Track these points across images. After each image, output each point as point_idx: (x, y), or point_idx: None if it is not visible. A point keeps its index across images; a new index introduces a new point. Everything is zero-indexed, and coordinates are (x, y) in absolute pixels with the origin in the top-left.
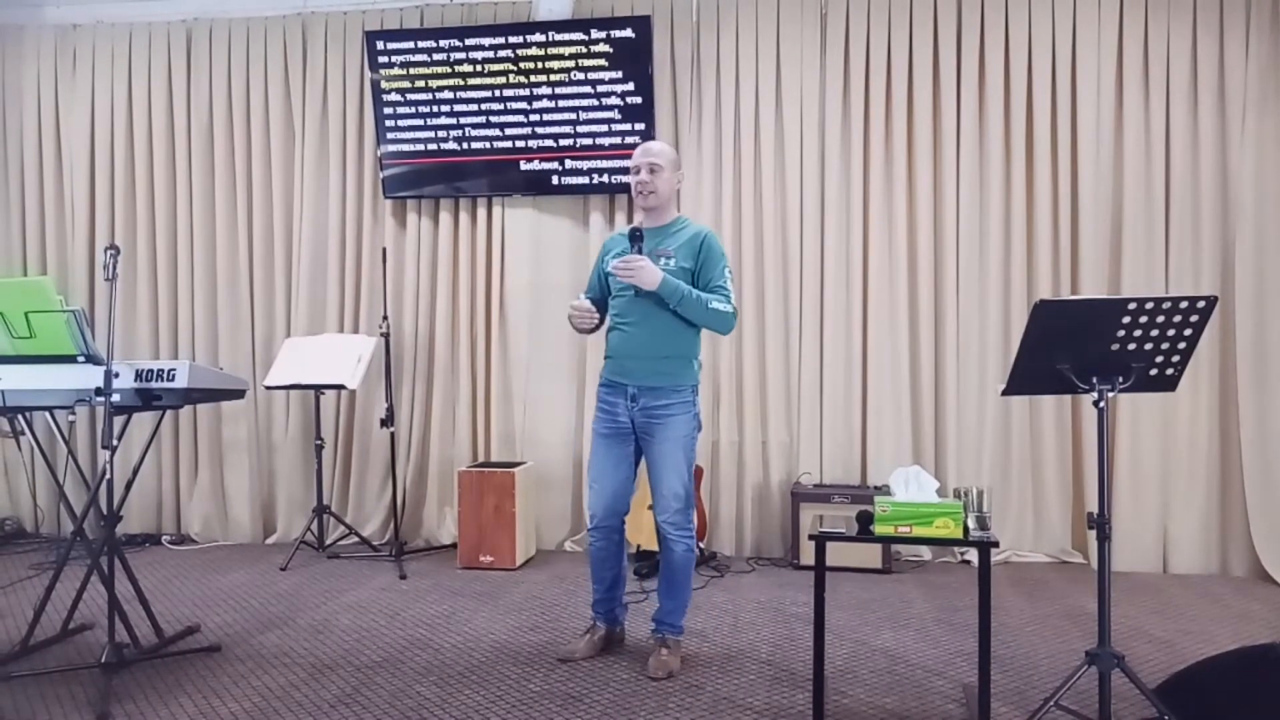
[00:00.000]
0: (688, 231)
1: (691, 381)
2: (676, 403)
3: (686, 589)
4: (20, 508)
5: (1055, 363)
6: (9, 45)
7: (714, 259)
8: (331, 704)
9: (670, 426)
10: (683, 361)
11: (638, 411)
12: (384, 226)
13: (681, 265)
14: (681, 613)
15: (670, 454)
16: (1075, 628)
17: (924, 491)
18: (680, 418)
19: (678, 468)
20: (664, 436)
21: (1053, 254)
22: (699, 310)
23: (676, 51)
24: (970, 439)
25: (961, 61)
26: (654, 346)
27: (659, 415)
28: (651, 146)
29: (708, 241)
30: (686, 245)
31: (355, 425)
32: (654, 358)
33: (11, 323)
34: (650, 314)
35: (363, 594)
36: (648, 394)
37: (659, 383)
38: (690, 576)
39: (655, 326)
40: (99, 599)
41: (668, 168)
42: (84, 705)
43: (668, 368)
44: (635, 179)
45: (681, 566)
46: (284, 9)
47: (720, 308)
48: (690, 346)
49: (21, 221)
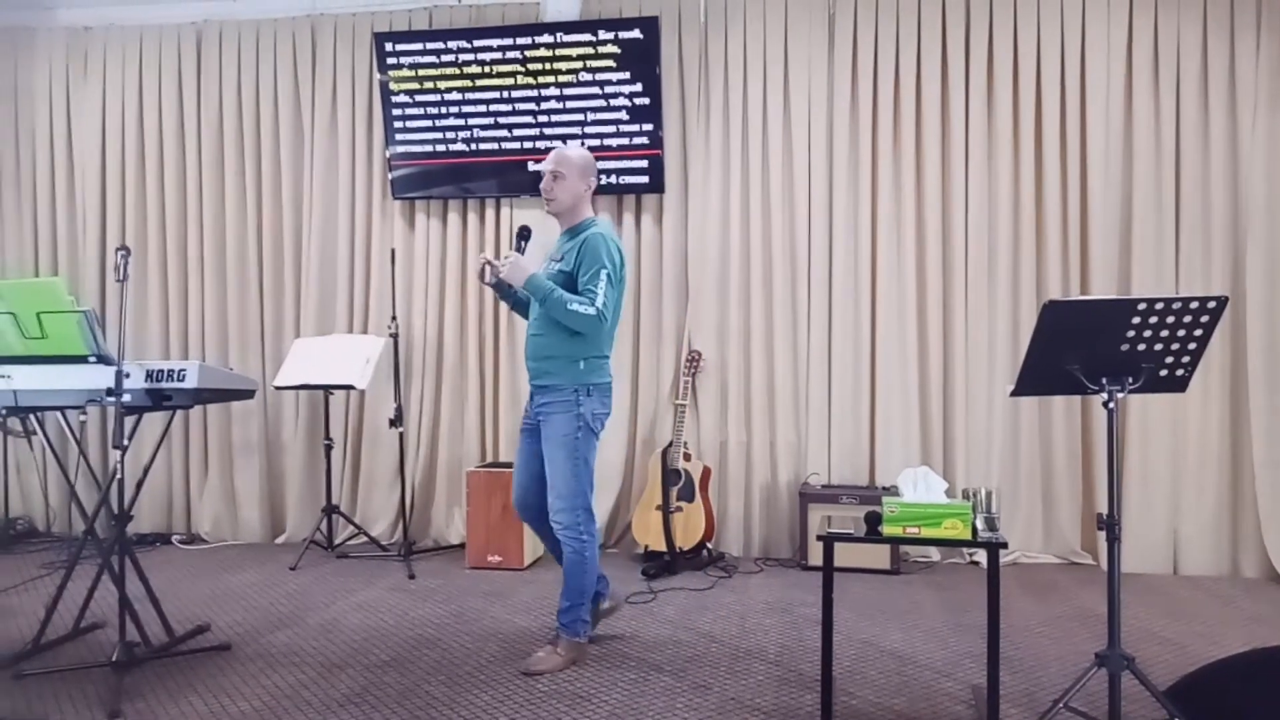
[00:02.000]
0: (583, 234)
1: (574, 382)
2: (556, 401)
3: (575, 589)
4: (32, 507)
5: (1065, 363)
6: (21, 47)
7: (589, 261)
8: (341, 703)
9: (550, 425)
10: (564, 362)
11: (534, 410)
12: (393, 227)
13: (563, 269)
14: (570, 613)
15: (551, 452)
16: (1085, 629)
17: (932, 492)
18: (560, 417)
19: (558, 466)
20: (547, 435)
21: (1062, 254)
22: (559, 310)
23: (684, 52)
24: (979, 440)
25: (970, 59)
26: (541, 348)
27: (543, 414)
28: (563, 153)
29: (587, 243)
30: (575, 247)
31: (364, 425)
32: (540, 358)
33: (23, 323)
34: (540, 316)
35: (371, 593)
36: (538, 393)
37: (545, 382)
38: (580, 580)
39: (540, 328)
40: (110, 598)
41: (573, 175)
42: (95, 703)
43: (550, 368)
44: (542, 183)
45: (567, 566)
46: (293, 11)
47: (578, 309)
48: (572, 348)
49: (33, 222)
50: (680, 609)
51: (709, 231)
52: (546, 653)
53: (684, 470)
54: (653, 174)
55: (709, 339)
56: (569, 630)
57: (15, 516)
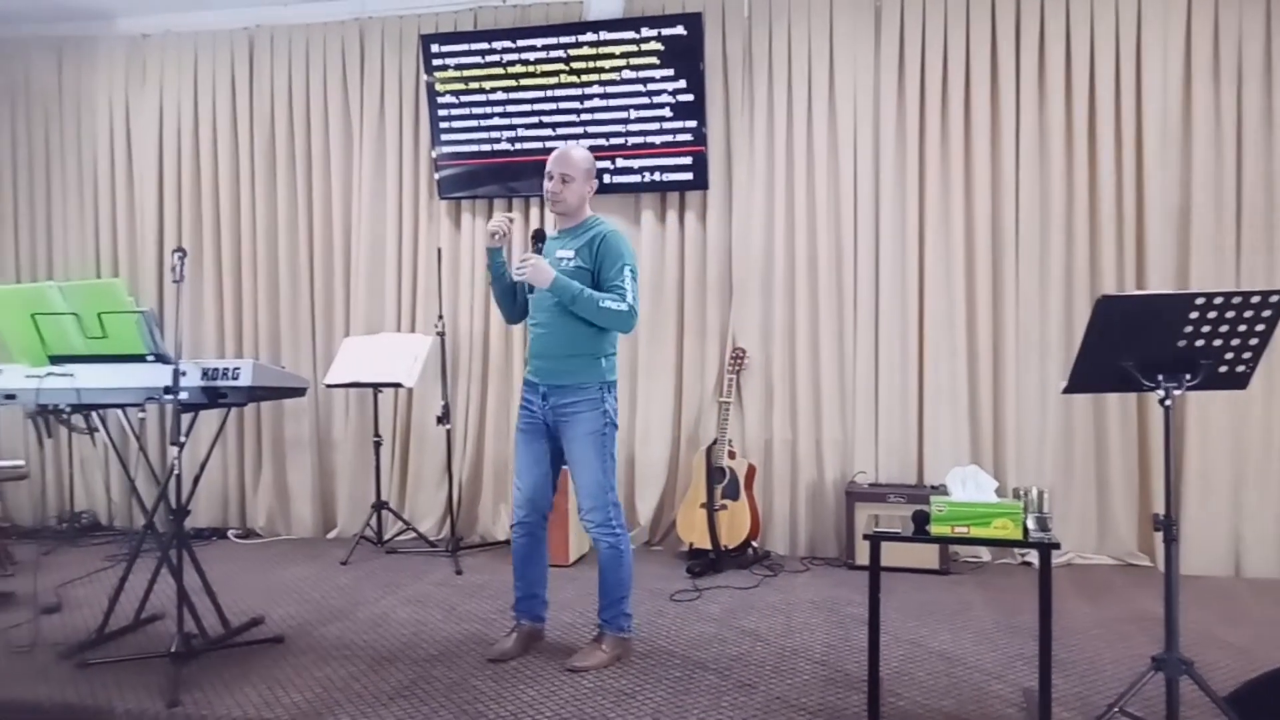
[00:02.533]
0: (592, 232)
1: (599, 379)
2: (583, 400)
3: (617, 586)
4: (95, 501)
5: (1119, 360)
6: (84, 56)
7: (611, 258)
8: (391, 696)
9: (578, 424)
10: (588, 360)
11: (549, 410)
12: (439, 227)
13: (580, 265)
14: (613, 610)
15: (581, 452)
16: (1141, 633)
17: (982, 491)
18: (587, 415)
19: (590, 465)
20: (573, 435)
21: (1117, 248)
22: (591, 309)
23: (728, 48)
24: (1031, 438)
25: (1020, 50)
26: (560, 346)
27: (567, 413)
28: (568, 154)
29: (606, 241)
30: (587, 246)
31: (412, 423)
32: (560, 356)
33: (86, 323)
34: (556, 314)
35: (420, 588)
36: (556, 392)
37: (566, 381)
38: (619, 575)
39: (561, 326)
40: (169, 590)
41: (580, 178)
42: (155, 693)
43: (573, 366)
44: (548, 184)
45: (605, 564)
46: (342, 15)
47: (613, 306)
48: (596, 345)
49: (95, 225)
50: (725, 607)
51: (753, 228)
52: (591, 649)
53: (728, 468)
54: (696, 171)
55: (753, 336)
56: (612, 626)
57: (80, 510)
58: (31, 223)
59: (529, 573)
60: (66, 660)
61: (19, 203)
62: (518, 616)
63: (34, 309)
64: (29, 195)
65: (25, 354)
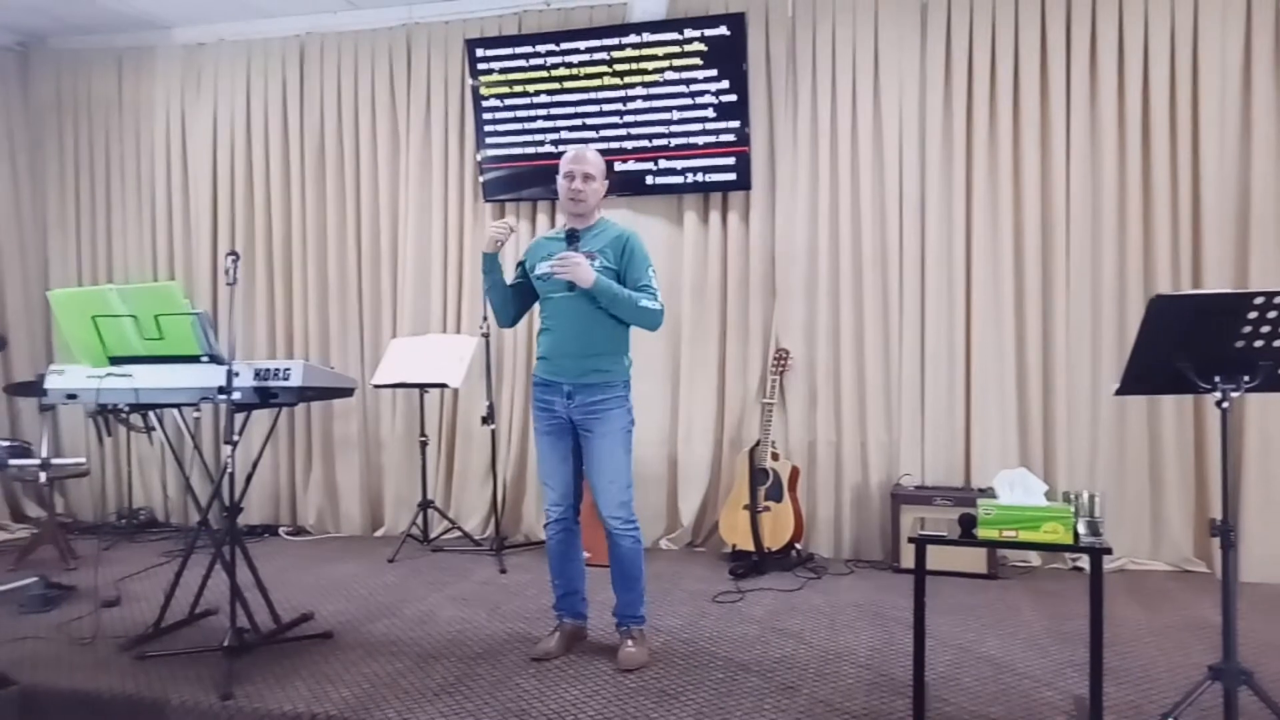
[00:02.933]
0: (610, 233)
1: (623, 377)
2: (611, 398)
3: (640, 580)
4: (152, 498)
5: (1174, 361)
6: (143, 65)
7: (638, 260)
8: (436, 692)
9: (607, 422)
10: (614, 358)
11: (574, 409)
12: (484, 229)
13: (607, 265)
14: (639, 604)
15: (609, 449)
16: (1198, 641)
17: (1031, 495)
18: (616, 412)
19: (617, 462)
20: (602, 431)
21: (1172, 247)
22: (629, 308)
23: (772, 47)
24: (1082, 441)
25: (1071, 44)
26: (584, 345)
27: (596, 411)
28: (585, 155)
29: (631, 243)
30: (611, 246)
31: (458, 423)
32: (587, 355)
33: (143, 325)
34: (581, 314)
35: (465, 587)
36: (583, 391)
37: (593, 379)
38: (641, 568)
39: (586, 326)
40: (222, 585)
41: (598, 176)
42: (209, 685)
43: (601, 364)
44: (569, 185)
45: (631, 559)
46: (389, 21)
47: (649, 306)
48: (621, 343)
49: (152, 230)
50: (768, 609)
51: (797, 228)
52: (636, 649)
53: (772, 469)
54: (739, 171)
55: (796, 337)
56: (637, 620)
57: (138, 507)
58: (93, 227)
59: (567, 569)
60: (125, 652)
61: (81, 208)
62: (559, 615)
63: (94, 311)
64: (90, 201)
65: (87, 355)
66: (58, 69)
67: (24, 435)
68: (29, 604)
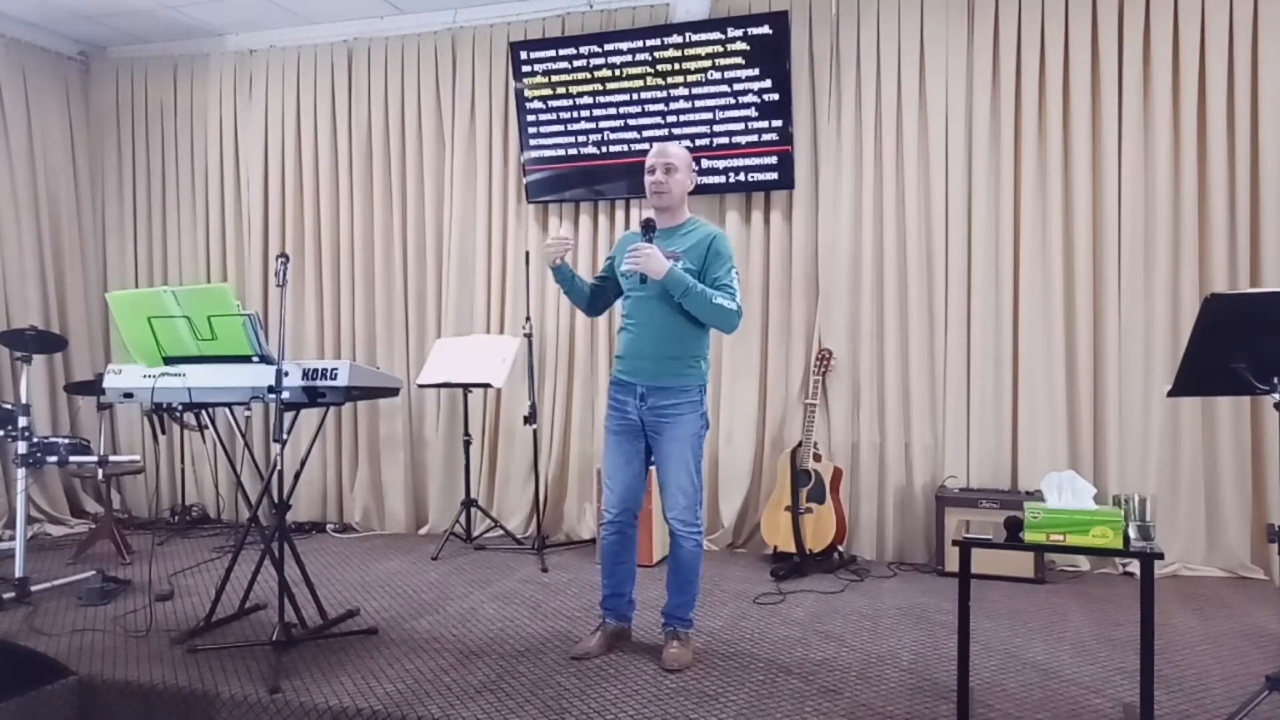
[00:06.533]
0: (697, 234)
1: (699, 381)
2: (684, 402)
3: (695, 584)
4: (204, 495)
5: (1229, 361)
6: (196, 72)
7: (720, 259)
8: (478, 689)
9: (678, 425)
10: (690, 361)
11: (646, 410)
12: (527, 230)
13: (688, 267)
14: (690, 606)
15: (679, 452)
16: (1255, 649)
17: (1079, 498)
18: (688, 417)
19: (686, 465)
20: (673, 435)
21: (1229, 246)
22: (703, 304)
23: (815, 46)
24: (1134, 443)
25: (1124, 36)
26: (662, 347)
27: (668, 414)
28: (668, 148)
29: (715, 243)
30: (695, 248)
31: (501, 422)
32: (662, 358)
33: (196, 325)
34: (658, 314)
35: (507, 585)
36: (656, 393)
37: (667, 383)
38: (698, 572)
39: (663, 327)
40: (271, 581)
41: (683, 169)
42: (258, 679)
43: (675, 368)
44: (650, 179)
45: (689, 563)
46: (435, 25)
47: (725, 304)
48: (697, 347)
49: (205, 233)
50: (810, 611)
51: (840, 228)
52: (681, 649)
53: (814, 471)
54: (782, 170)
55: (840, 337)
56: (685, 623)
57: (190, 504)
58: (149, 230)
59: (617, 571)
60: (178, 645)
61: (137, 212)
62: (604, 615)
63: (150, 313)
64: (146, 205)
65: (143, 355)
66: (116, 76)
67: (83, 433)
68: (87, 597)
